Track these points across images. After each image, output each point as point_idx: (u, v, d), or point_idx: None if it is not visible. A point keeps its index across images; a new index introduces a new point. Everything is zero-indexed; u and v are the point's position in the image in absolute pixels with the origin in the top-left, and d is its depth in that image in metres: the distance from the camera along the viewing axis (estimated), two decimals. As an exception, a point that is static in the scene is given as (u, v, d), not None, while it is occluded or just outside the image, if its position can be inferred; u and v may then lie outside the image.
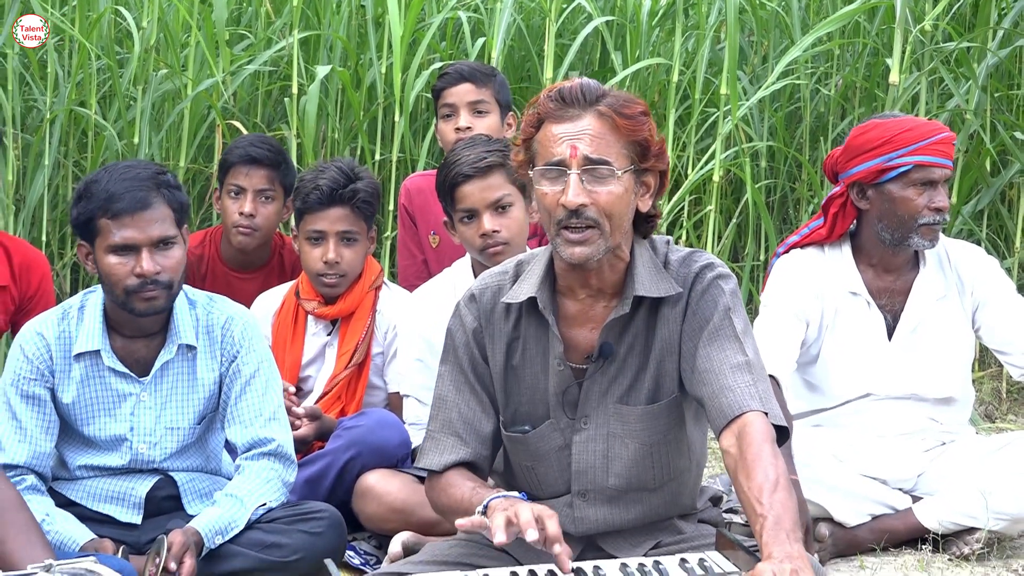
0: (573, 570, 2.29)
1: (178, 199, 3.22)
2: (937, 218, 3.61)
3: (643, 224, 2.61)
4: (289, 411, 3.59)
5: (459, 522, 2.42)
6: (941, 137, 3.61)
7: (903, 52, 4.93)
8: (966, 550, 3.55)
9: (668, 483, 2.69)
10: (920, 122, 3.71)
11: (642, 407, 2.62)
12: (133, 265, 3.14)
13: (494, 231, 3.57)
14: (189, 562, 2.97)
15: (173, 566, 2.93)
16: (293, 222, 4.01)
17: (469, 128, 4.25)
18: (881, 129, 3.63)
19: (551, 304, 2.62)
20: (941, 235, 3.73)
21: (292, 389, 3.88)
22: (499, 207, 3.59)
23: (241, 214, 4.23)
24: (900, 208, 3.61)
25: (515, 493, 2.51)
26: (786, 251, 3.82)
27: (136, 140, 5.16)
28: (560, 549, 2.27)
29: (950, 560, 3.56)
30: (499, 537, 2.29)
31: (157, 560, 2.94)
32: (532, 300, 2.62)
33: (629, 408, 2.62)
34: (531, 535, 2.27)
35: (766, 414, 2.43)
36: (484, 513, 2.42)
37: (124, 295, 3.16)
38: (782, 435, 2.48)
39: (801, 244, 3.80)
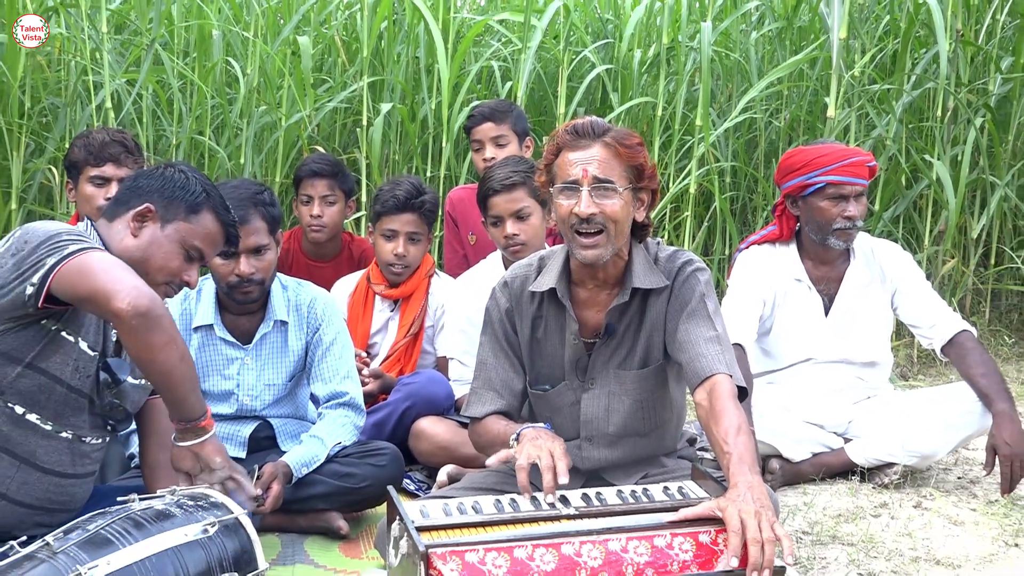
0: (582, 495, 2.27)
1: (271, 213, 3.19)
2: (848, 224, 3.55)
3: (639, 231, 2.59)
4: (359, 372, 3.58)
5: (489, 461, 2.41)
6: (853, 160, 3.53)
7: (838, 92, 4.89)
8: (886, 480, 3.53)
9: (655, 430, 2.68)
10: (836, 148, 3.60)
11: (635, 371, 2.60)
12: (233, 267, 3.14)
13: (514, 234, 3.58)
14: (276, 488, 2.95)
15: (259, 491, 2.88)
16: (371, 222, 3.99)
17: (493, 158, 4.21)
18: (803, 154, 3.60)
19: (567, 293, 2.60)
20: (866, 235, 3.70)
21: (364, 355, 3.87)
22: (519, 216, 3.59)
23: (311, 216, 4.21)
24: (818, 216, 3.57)
25: (541, 424, 2.50)
26: (747, 247, 3.80)
27: (242, 161, 5.15)
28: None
29: (874, 488, 3.53)
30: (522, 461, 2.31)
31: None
32: (553, 289, 2.60)
33: (626, 372, 2.60)
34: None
35: (731, 376, 2.41)
36: (517, 440, 2.43)
37: (227, 288, 3.17)
38: (743, 393, 2.46)
39: (759, 242, 3.78)
